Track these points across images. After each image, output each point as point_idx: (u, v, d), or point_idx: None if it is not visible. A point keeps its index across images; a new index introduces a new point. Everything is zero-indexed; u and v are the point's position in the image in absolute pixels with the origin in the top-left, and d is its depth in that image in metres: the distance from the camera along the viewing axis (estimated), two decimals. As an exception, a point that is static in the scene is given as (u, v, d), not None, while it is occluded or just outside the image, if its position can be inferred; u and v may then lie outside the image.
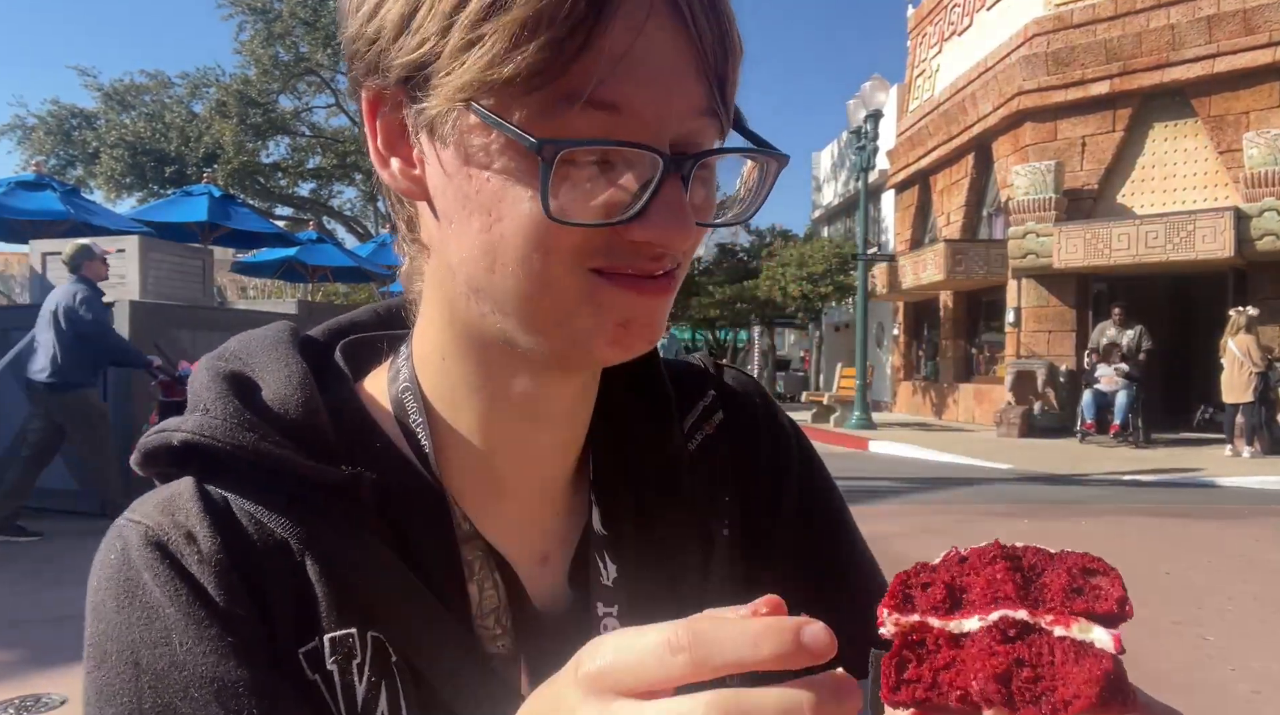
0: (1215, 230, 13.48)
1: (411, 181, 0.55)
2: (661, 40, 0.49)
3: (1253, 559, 6.10)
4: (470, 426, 0.60)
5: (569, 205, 0.49)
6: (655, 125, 0.49)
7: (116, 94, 28.84)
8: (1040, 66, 15.71)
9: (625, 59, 0.47)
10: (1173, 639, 4.35)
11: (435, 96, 0.50)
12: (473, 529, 0.60)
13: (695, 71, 0.50)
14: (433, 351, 0.60)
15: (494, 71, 0.47)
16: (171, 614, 0.50)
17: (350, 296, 25.03)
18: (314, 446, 0.56)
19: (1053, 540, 0.39)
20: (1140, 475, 10.46)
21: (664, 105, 0.49)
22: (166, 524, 0.52)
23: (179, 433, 0.55)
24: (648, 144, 0.49)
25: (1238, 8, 13.88)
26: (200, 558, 0.51)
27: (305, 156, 30.50)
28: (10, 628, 4.40)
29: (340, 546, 0.54)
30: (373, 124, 0.55)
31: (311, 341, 0.66)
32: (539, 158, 0.48)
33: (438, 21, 0.49)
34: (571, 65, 0.47)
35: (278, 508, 0.54)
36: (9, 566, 5.69)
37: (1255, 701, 3.62)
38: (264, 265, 17.39)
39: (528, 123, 0.48)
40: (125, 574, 0.51)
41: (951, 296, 19.14)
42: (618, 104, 0.48)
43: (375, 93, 0.54)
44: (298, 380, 0.58)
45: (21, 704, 3.46)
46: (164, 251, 8.30)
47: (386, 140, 0.55)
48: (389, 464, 0.58)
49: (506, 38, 0.47)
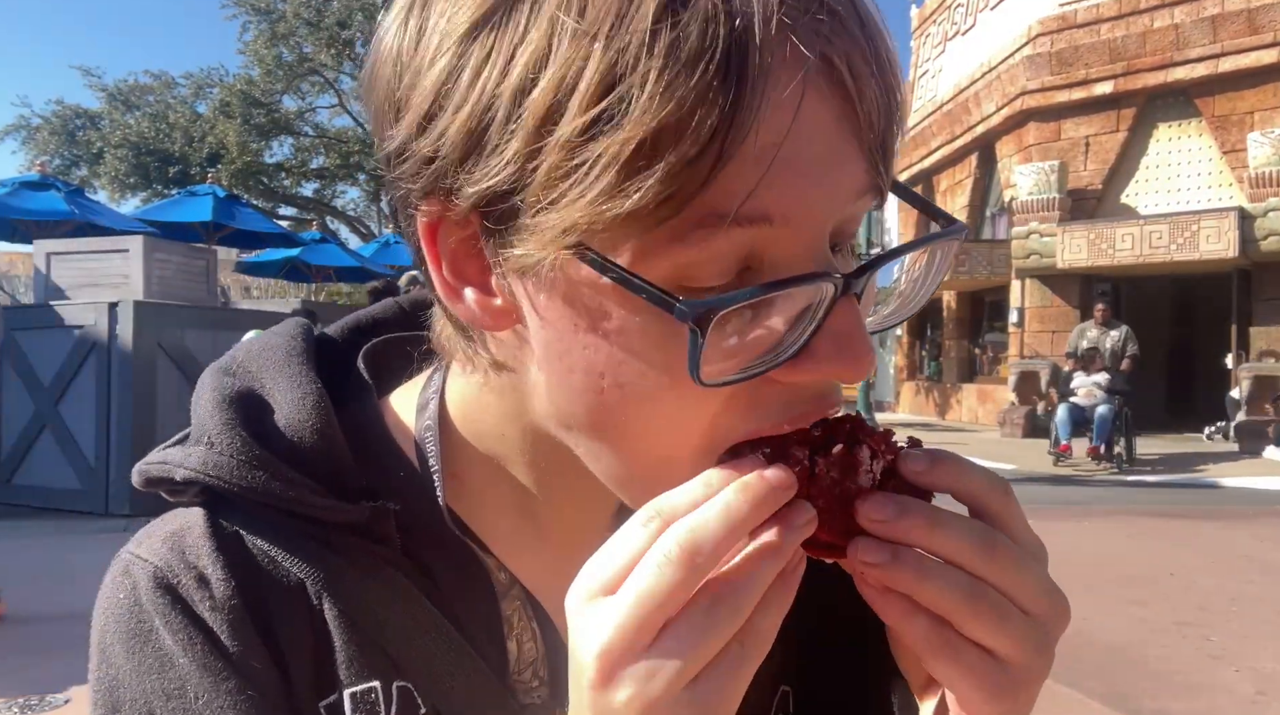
0: (1219, 230, 13.45)
1: (493, 316, 0.46)
2: (818, 116, 0.39)
3: (1257, 560, 6.08)
4: (515, 480, 0.54)
5: (714, 361, 0.39)
6: (812, 228, 0.41)
7: (120, 94, 28.92)
8: (1044, 66, 15.69)
9: (777, 155, 0.38)
10: (1176, 640, 4.35)
11: (528, 238, 0.40)
12: (510, 577, 0.55)
13: (857, 143, 0.41)
14: (490, 426, 0.53)
15: (609, 206, 0.37)
16: (185, 664, 0.46)
17: (353, 296, 25.03)
18: (331, 479, 0.50)
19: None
20: (1144, 475, 10.45)
21: (825, 201, 0.41)
22: (177, 564, 0.48)
23: (181, 469, 0.50)
24: (814, 272, 0.40)
25: (1242, 7, 13.85)
26: (213, 604, 0.47)
27: (309, 156, 30.51)
28: (14, 627, 4.41)
29: (362, 589, 0.50)
30: (433, 248, 0.45)
31: (329, 343, 0.60)
32: (688, 327, 0.38)
33: (521, 140, 0.39)
34: (710, 183, 0.37)
35: (292, 547, 0.50)
36: (13, 566, 5.70)
37: (1260, 703, 3.61)
38: (268, 265, 17.42)
39: (648, 259, 0.39)
40: (136, 617, 0.48)
41: (955, 297, 19.11)
42: (768, 214, 0.39)
43: (435, 217, 0.44)
44: (312, 402, 0.52)
45: (25, 703, 3.47)
46: (168, 251, 8.31)
47: (455, 268, 0.45)
48: (414, 497, 0.53)
49: (622, 162, 0.37)
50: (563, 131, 0.38)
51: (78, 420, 7.43)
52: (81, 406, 7.40)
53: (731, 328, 0.40)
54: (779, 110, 0.37)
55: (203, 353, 7.50)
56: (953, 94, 18.70)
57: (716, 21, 0.37)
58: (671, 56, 0.36)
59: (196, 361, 7.46)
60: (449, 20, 0.42)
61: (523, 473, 0.54)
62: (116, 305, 7.31)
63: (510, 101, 0.39)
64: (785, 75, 0.38)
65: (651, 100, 0.36)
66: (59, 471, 7.48)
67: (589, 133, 0.37)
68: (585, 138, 0.37)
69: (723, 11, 0.37)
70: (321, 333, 0.60)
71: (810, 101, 0.38)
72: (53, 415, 7.54)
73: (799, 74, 0.38)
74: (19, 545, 6.36)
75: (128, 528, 6.68)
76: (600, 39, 0.37)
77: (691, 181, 0.37)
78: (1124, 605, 4.92)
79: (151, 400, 7.26)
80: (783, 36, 0.38)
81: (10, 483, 7.75)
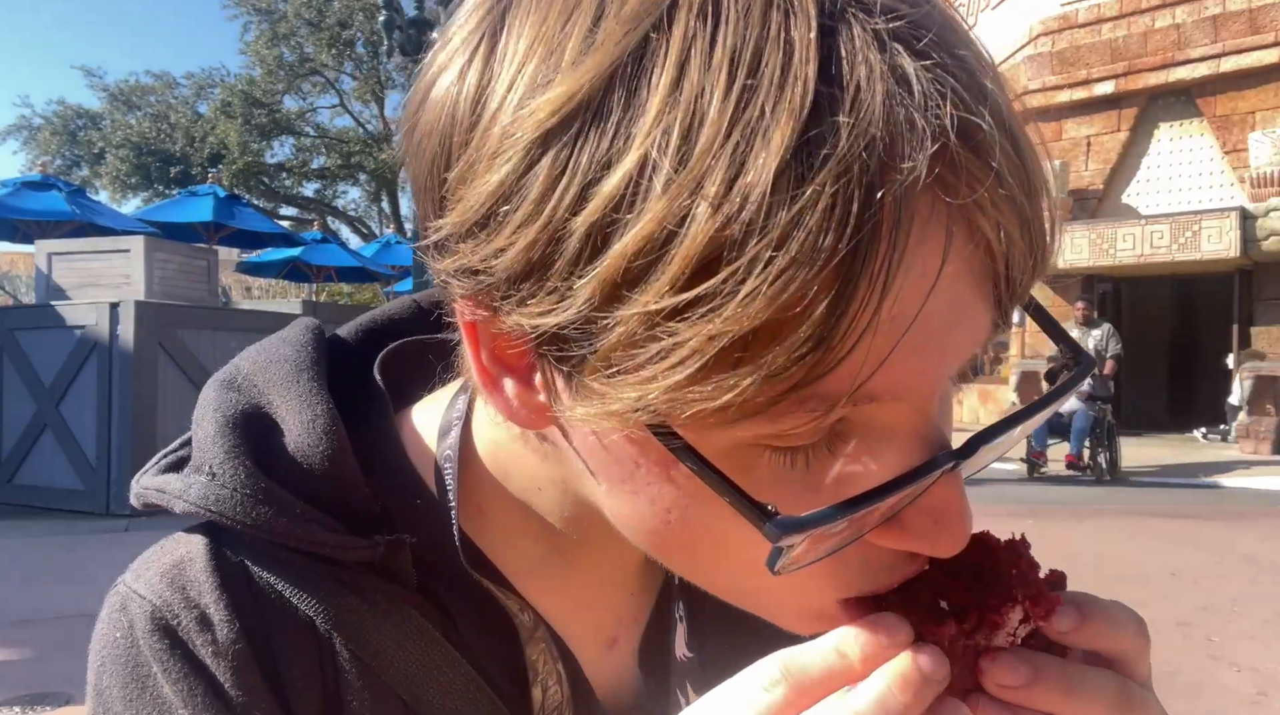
0: (1221, 230, 13.45)
1: (532, 411, 0.40)
2: (953, 284, 0.33)
3: (1259, 560, 6.08)
4: (545, 522, 0.50)
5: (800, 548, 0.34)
6: (920, 401, 0.36)
7: (122, 94, 28.95)
8: (1045, 66, 15.69)
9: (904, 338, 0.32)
10: (1178, 640, 4.34)
11: (593, 399, 0.34)
12: (534, 619, 0.51)
13: (984, 298, 0.35)
14: (524, 479, 0.49)
15: (694, 394, 0.31)
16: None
17: (354, 296, 25.05)
18: (343, 510, 0.47)
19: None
20: (1145, 475, 10.45)
21: (937, 370, 0.35)
22: (176, 603, 0.45)
23: (181, 501, 0.46)
24: (926, 463, 0.35)
25: (1243, 7, 13.85)
26: (216, 649, 0.44)
27: (310, 157, 30.54)
28: (14, 627, 4.41)
29: (375, 628, 0.46)
30: (473, 337, 0.40)
31: (341, 347, 0.56)
32: (772, 543, 0.33)
33: (594, 290, 0.32)
34: (826, 376, 0.31)
35: (301, 584, 0.46)
36: (12, 566, 5.70)
37: (1261, 703, 3.61)
38: (269, 265, 17.42)
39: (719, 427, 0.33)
40: (133, 660, 0.45)
41: (956, 297, 19.12)
42: (876, 395, 0.33)
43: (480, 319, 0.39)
44: (323, 426, 0.47)
45: (27, 703, 3.47)
46: (169, 251, 8.31)
47: (496, 357, 0.40)
48: (432, 528, 0.48)
49: (721, 352, 0.31)
50: (647, 300, 0.31)
51: (79, 420, 7.43)
52: (83, 406, 7.40)
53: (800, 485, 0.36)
54: (910, 281, 0.31)
55: (204, 353, 7.50)
56: (954, 94, 18.70)
57: (850, 185, 0.29)
58: (793, 237, 0.29)
59: (198, 361, 7.46)
60: (519, 103, 0.34)
61: (557, 519, 0.49)
62: (118, 305, 7.31)
63: (584, 239, 0.32)
64: (930, 241, 0.31)
65: (760, 290, 0.29)
66: (60, 471, 7.49)
67: (680, 315, 0.31)
68: (675, 318, 0.31)
69: (861, 176, 0.29)
70: (334, 336, 0.56)
71: (948, 269, 0.32)
72: (54, 415, 7.55)
73: (939, 246, 0.32)
74: (20, 545, 6.36)
75: (129, 528, 6.73)
76: (705, 198, 0.30)
77: (797, 378, 0.31)
78: (1125, 605, 4.92)
79: (153, 400, 7.26)
80: (931, 197, 0.31)
81: (11, 482, 7.76)
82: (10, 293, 23.92)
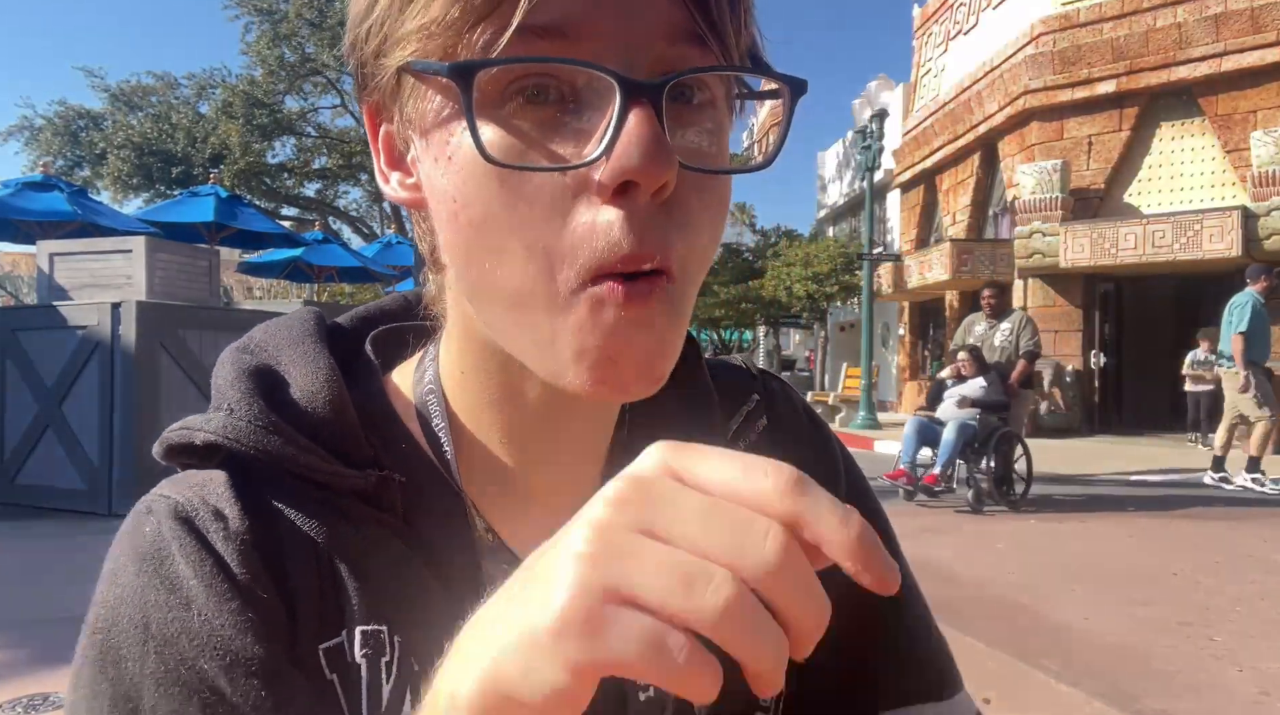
0: (1222, 229, 13.44)
1: (409, 190, 0.52)
2: None
3: (1261, 560, 6.07)
4: (493, 438, 0.57)
5: (513, 155, 0.43)
6: (616, 46, 0.43)
7: (123, 95, 28.94)
8: (1047, 65, 15.67)
9: None
10: (1180, 639, 4.34)
11: (388, 63, 0.47)
12: (497, 540, 0.56)
13: None
14: (453, 367, 0.57)
15: (423, 17, 0.44)
16: (194, 585, 0.47)
17: (356, 296, 25.06)
18: (341, 448, 0.53)
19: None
20: (1147, 475, 10.44)
21: (622, 17, 0.43)
22: (196, 500, 0.51)
23: (201, 433, 0.53)
24: (589, 62, 0.42)
25: (1245, 6, 13.83)
26: (227, 535, 0.49)
27: (311, 157, 30.55)
28: (17, 627, 4.42)
29: (367, 551, 0.52)
30: (375, 143, 0.53)
31: (339, 330, 0.64)
32: (456, 87, 0.42)
33: (381, 9, 0.46)
34: None
35: (304, 507, 0.52)
36: (16, 566, 5.71)
37: (1264, 703, 3.61)
38: (270, 265, 17.43)
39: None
40: (153, 544, 0.49)
41: (957, 296, 19.09)
42: (563, 27, 0.42)
43: (372, 105, 0.51)
44: (324, 376, 0.55)
45: (30, 703, 3.47)
46: (170, 252, 8.31)
47: (388, 157, 0.53)
48: (414, 467, 0.55)
49: None
50: None
51: (81, 420, 7.44)
52: (84, 407, 7.41)
53: (534, 119, 0.43)
54: None
55: (205, 353, 7.50)
56: (955, 93, 18.68)
57: None
58: None
59: (199, 362, 7.46)
60: None
61: (503, 431, 0.56)
62: (119, 306, 7.31)
63: None
64: None
65: None
66: (62, 471, 7.49)
67: None
68: None
69: None
70: (332, 322, 0.64)
71: None
72: (56, 415, 7.56)
73: None
74: (21, 545, 6.37)
75: (131, 528, 6.64)
76: None
77: None
78: (1126, 605, 4.91)
79: (155, 400, 7.26)
80: None
81: (13, 482, 7.76)
82: (12, 293, 23.96)
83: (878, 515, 0.67)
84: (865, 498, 0.69)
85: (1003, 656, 3.96)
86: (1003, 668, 3.85)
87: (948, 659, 0.67)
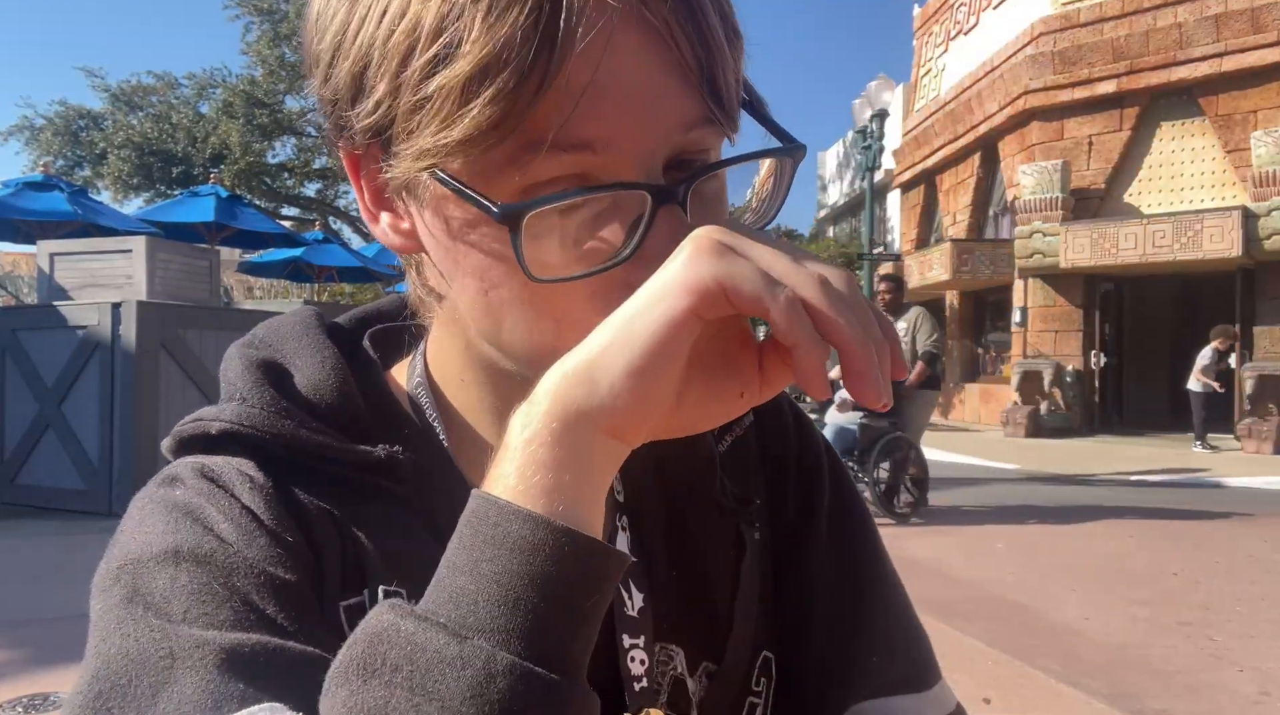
0: (1223, 229, 13.44)
1: (403, 237, 0.53)
2: (630, 58, 0.44)
3: (1261, 560, 6.07)
4: (493, 436, 0.56)
5: (554, 262, 0.45)
6: (637, 154, 0.46)
7: (124, 95, 28.92)
8: (1047, 65, 15.67)
9: (590, 89, 0.43)
10: (1180, 640, 4.34)
11: (396, 164, 0.47)
12: None
13: (679, 81, 0.46)
14: (451, 373, 0.59)
15: (446, 134, 0.44)
16: (225, 527, 0.48)
17: (356, 296, 25.06)
18: (351, 430, 0.55)
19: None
20: (1147, 475, 10.44)
21: (644, 129, 0.45)
22: (219, 462, 0.52)
23: (217, 422, 0.54)
24: (626, 182, 0.45)
25: (1245, 6, 13.84)
26: (254, 488, 0.50)
27: (311, 157, 30.50)
28: (18, 627, 4.42)
29: (383, 522, 0.54)
30: (357, 181, 0.53)
31: (339, 328, 0.65)
32: (500, 222, 0.44)
33: (387, 81, 0.46)
34: (529, 112, 0.43)
35: (321, 492, 0.53)
36: (17, 566, 5.71)
37: (1264, 703, 3.60)
38: (270, 265, 17.42)
39: (495, 179, 0.45)
40: (179, 496, 0.50)
41: (958, 296, 19.10)
42: (589, 141, 0.44)
43: (349, 153, 0.52)
44: (330, 365, 0.57)
45: (30, 702, 3.47)
46: (171, 252, 8.31)
47: (373, 197, 0.53)
48: (418, 447, 0.57)
49: (455, 96, 0.43)
50: (412, 71, 0.44)
51: (81, 420, 7.44)
52: (85, 407, 7.41)
53: (570, 228, 0.46)
54: (592, 48, 0.43)
55: (206, 353, 7.50)
56: (955, 93, 18.68)
57: None
58: (493, 4, 0.43)
59: (200, 362, 7.47)
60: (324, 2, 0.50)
61: (490, 419, 0.58)
62: (120, 306, 7.31)
63: (381, 49, 0.46)
64: (596, 17, 0.43)
65: (474, 42, 0.43)
66: (62, 471, 7.49)
67: (429, 72, 0.44)
68: (429, 75, 0.44)
69: None
70: (331, 322, 0.65)
71: (623, 40, 0.44)
72: (56, 415, 7.56)
73: (608, 22, 0.43)
74: (22, 545, 6.37)
75: (131, 528, 6.63)
76: None
77: (513, 111, 0.43)
78: (1127, 605, 4.91)
79: (155, 400, 7.26)
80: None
81: (13, 483, 7.76)
82: (12, 293, 23.96)
83: (862, 511, 0.70)
84: (850, 498, 0.71)
85: (1003, 656, 3.95)
86: (1003, 668, 3.85)
87: (928, 650, 0.68)
